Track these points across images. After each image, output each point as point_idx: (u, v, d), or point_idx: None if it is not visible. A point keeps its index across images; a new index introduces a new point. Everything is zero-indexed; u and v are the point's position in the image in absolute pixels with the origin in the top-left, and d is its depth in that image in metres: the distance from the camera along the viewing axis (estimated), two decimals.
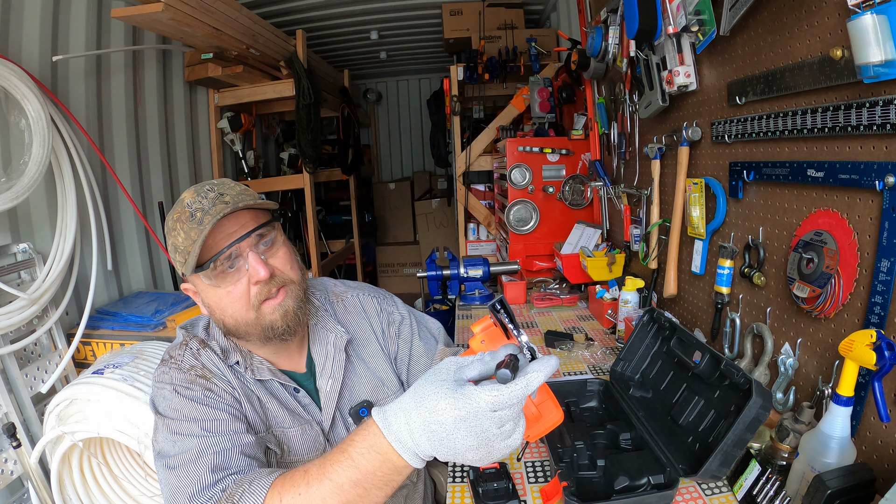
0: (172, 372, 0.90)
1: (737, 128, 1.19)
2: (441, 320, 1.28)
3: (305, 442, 0.97)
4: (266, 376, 0.96)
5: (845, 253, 0.89)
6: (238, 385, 0.93)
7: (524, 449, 1.10)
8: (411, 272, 2.35)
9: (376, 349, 1.10)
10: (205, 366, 0.92)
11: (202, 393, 0.87)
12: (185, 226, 0.85)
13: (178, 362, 0.92)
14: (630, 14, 1.44)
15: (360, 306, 1.13)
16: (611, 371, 1.31)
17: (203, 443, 0.81)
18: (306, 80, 3.34)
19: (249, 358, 0.96)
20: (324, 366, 1.02)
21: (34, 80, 1.83)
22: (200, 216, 0.85)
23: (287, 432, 0.96)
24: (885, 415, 0.76)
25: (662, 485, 0.92)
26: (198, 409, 0.85)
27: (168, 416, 0.86)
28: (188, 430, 0.83)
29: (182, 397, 0.87)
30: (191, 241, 0.84)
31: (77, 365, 2.05)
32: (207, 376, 0.90)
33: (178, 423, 0.84)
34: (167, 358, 0.94)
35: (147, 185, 2.81)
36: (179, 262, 0.87)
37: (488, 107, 4.13)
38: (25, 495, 1.80)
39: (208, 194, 0.87)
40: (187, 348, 0.94)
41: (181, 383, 0.88)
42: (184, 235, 0.85)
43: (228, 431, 0.84)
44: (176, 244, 0.87)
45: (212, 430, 0.83)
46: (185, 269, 0.86)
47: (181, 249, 0.86)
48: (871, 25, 0.74)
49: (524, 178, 2.48)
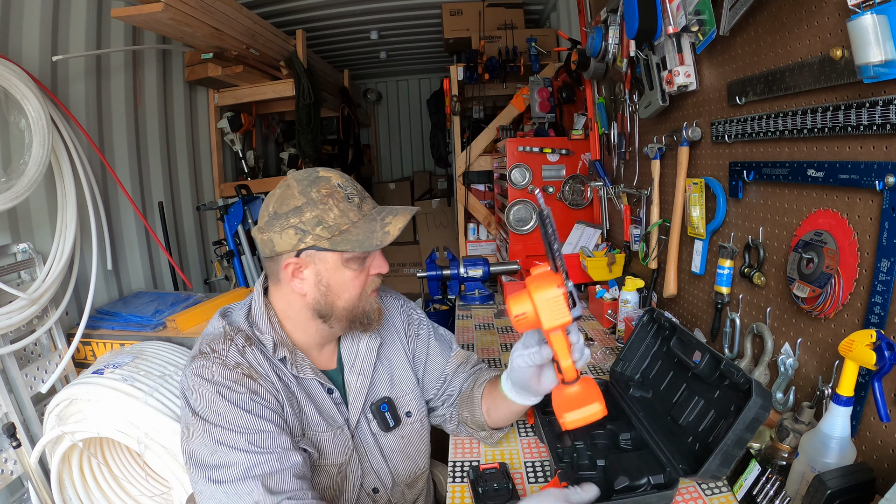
0: (215, 367, 0.86)
1: (737, 128, 1.19)
2: (441, 320, 1.30)
3: (336, 446, 0.98)
4: (308, 374, 0.96)
5: (845, 253, 0.89)
6: (281, 387, 0.91)
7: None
8: (411, 272, 2.35)
9: (398, 347, 1.13)
10: (251, 365, 0.89)
11: (248, 396, 0.84)
12: (340, 204, 0.89)
13: (222, 357, 0.87)
14: (630, 14, 1.44)
15: (386, 307, 1.15)
16: (611, 371, 1.31)
17: (251, 459, 0.79)
18: (306, 80, 3.35)
19: (295, 354, 0.96)
20: (353, 362, 1.04)
21: (34, 80, 1.82)
22: (358, 201, 0.91)
23: (320, 436, 0.96)
24: (885, 415, 0.76)
25: (662, 485, 0.92)
26: (243, 417, 0.82)
27: (209, 420, 0.82)
28: (233, 442, 0.80)
29: (226, 401, 0.83)
30: (348, 220, 0.89)
31: (77, 365, 2.05)
32: (254, 376, 0.87)
33: (221, 432, 0.81)
34: (208, 351, 0.89)
35: (147, 185, 2.81)
36: (320, 235, 0.88)
37: (488, 107, 4.13)
38: (25, 495, 1.80)
39: (352, 182, 0.94)
40: (232, 343, 0.90)
41: (224, 383, 0.84)
42: (338, 212, 0.88)
43: (276, 448, 0.82)
44: (324, 218, 0.88)
45: (260, 445, 0.81)
46: (326, 244, 0.88)
47: (331, 225, 0.88)
48: (871, 25, 0.74)
49: (524, 177, 2.48)
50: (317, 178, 0.91)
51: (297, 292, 0.93)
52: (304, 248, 0.89)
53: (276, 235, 0.89)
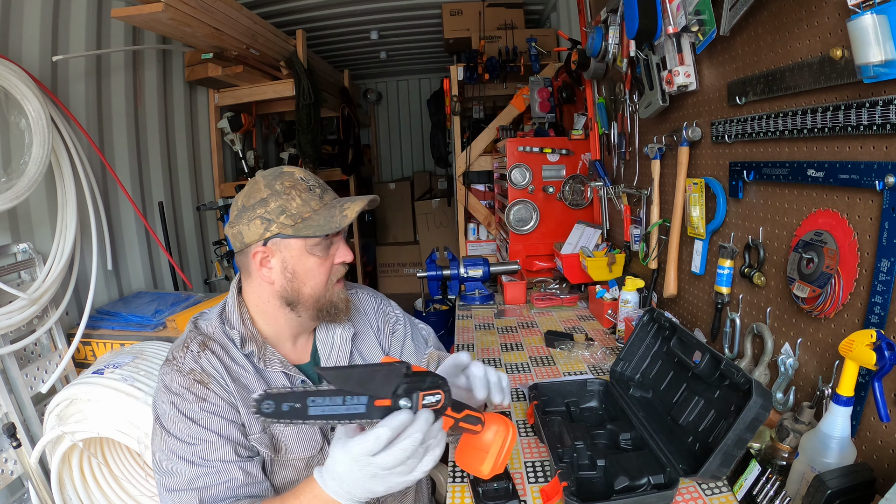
0: (173, 374, 0.92)
1: (737, 128, 1.19)
2: (441, 320, 1.30)
3: (302, 440, 0.99)
4: (277, 368, 0.99)
5: (845, 253, 0.89)
6: (235, 389, 0.94)
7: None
8: (411, 272, 2.36)
9: (373, 342, 1.16)
10: (204, 370, 0.93)
11: (197, 405, 0.90)
12: (303, 194, 0.94)
13: (178, 364, 0.94)
14: (630, 14, 1.44)
15: (360, 303, 1.20)
16: (611, 371, 1.31)
17: (193, 471, 0.86)
18: (306, 80, 3.34)
19: (263, 348, 1.00)
20: (328, 355, 1.07)
21: (34, 80, 1.83)
22: (320, 192, 0.96)
23: (284, 430, 0.98)
24: (885, 415, 0.76)
25: (662, 485, 0.92)
26: (190, 428, 0.88)
27: (166, 427, 0.89)
28: (181, 452, 0.87)
29: (177, 411, 0.89)
30: (310, 208, 0.94)
31: (77, 365, 2.05)
32: (205, 381, 0.92)
33: (173, 441, 0.88)
34: (170, 358, 0.96)
35: (147, 185, 2.81)
36: (284, 223, 0.93)
37: (488, 107, 4.13)
38: (25, 495, 1.80)
39: (311, 178, 0.98)
40: (188, 350, 0.96)
41: (178, 391, 0.91)
42: (300, 202, 0.94)
43: (216, 461, 0.87)
44: (287, 207, 0.93)
45: (203, 456, 0.87)
46: (290, 231, 0.93)
47: (293, 213, 0.93)
48: (871, 25, 0.74)
49: (524, 178, 2.48)
50: (281, 173, 0.97)
51: (265, 281, 0.98)
52: (270, 236, 0.94)
53: (244, 227, 0.94)
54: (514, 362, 1.60)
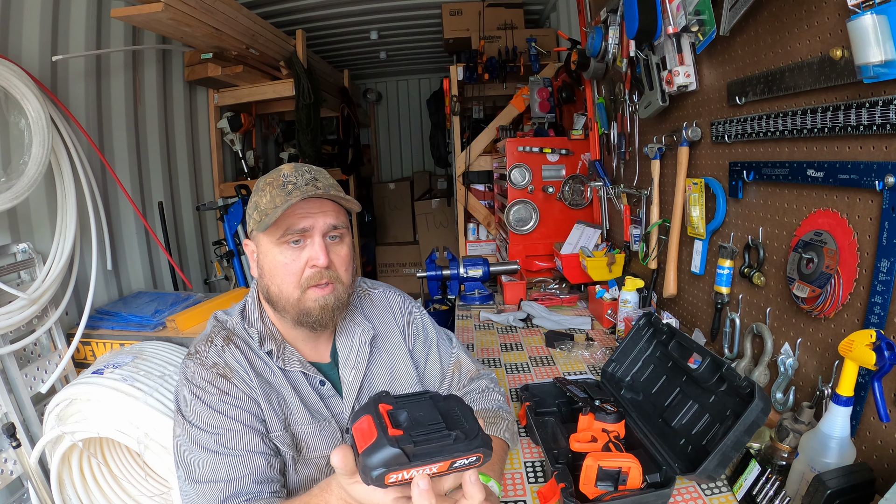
0: (196, 367, 0.93)
1: (737, 128, 1.19)
2: (441, 320, 1.29)
3: (324, 438, 0.99)
4: (295, 367, 0.99)
5: (845, 253, 0.89)
6: (258, 384, 0.94)
7: None
8: (411, 272, 2.36)
9: (398, 342, 1.14)
10: (227, 364, 0.93)
11: (219, 398, 0.89)
12: (274, 191, 0.93)
13: (201, 358, 0.94)
14: (630, 14, 1.44)
15: (387, 301, 1.18)
16: (602, 371, 1.31)
17: (217, 461, 0.85)
18: (306, 80, 3.34)
19: (283, 347, 0.99)
20: (347, 357, 1.06)
21: (34, 80, 1.82)
22: (291, 188, 0.93)
23: (304, 429, 0.97)
24: (885, 415, 0.76)
25: (659, 483, 0.92)
26: (214, 417, 0.88)
27: (188, 418, 0.89)
28: (204, 442, 0.87)
29: (200, 401, 0.89)
30: (274, 204, 0.92)
31: (77, 365, 2.05)
32: (228, 375, 0.92)
33: (196, 431, 0.88)
34: (193, 352, 0.96)
35: (147, 185, 2.81)
36: (255, 219, 0.95)
37: (488, 107, 4.13)
38: (25, 495, 1.80)
39: (305, 174, 0.95)
40: (212, 344, 0.96)
41: (200, 384, 0.91)
42: (269, 198, 0.93)
43: (241, 450, 0.87)
44: (259, 203, 0.94)
45: (227, 445, 0.86)
46: (258, 227, 0.93)
47: (261, 209, 0.94)
48: (871, 25, 0.74)
49: (524, 178, 2.48)
50: (275, 170, 0.98)
51: (256, 277, 1.00)
52: (250, 231, 0.97)
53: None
54: (513, 362, 1.60)
